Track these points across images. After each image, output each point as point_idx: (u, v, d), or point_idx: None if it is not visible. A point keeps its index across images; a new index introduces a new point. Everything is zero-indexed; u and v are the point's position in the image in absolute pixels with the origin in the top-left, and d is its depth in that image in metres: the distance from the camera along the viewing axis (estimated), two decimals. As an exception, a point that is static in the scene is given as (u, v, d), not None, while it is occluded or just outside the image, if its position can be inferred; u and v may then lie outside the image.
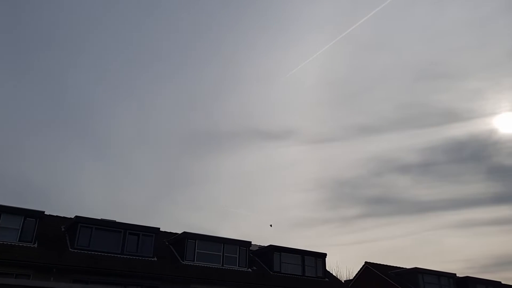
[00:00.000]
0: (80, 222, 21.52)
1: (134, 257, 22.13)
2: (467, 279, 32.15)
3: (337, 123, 72.69)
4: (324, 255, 27.93)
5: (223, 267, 24.37)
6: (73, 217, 22.72)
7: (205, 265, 23.85)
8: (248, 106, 72.22)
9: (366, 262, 33.02)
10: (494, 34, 64.91)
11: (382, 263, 33.62)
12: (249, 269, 25.26)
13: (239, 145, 71.17)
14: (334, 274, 32.23)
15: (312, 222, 69.19)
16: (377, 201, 68.78)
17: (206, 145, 69.23)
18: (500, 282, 33.24)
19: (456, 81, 67.69)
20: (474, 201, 64.39)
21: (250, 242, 25.91)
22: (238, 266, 25.02)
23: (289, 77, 69.02)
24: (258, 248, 28.50)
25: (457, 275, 31.79)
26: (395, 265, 33.60)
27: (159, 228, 23.77)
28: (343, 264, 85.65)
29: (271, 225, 36.86)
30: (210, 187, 68.59)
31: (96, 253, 21.12)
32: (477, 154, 66.41)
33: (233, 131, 69.51)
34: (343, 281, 33.34)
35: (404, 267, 32.72)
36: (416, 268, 30.59)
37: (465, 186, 66.06)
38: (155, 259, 22.81)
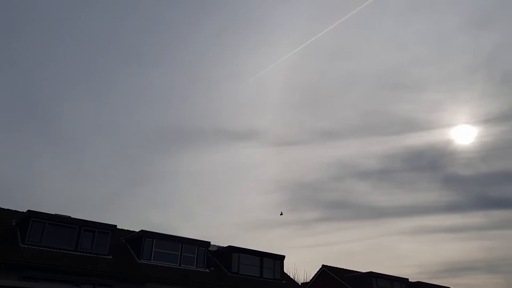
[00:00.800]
0: (32, 216, 20.69)
1: (88, 255, 21.50)
2: (418, 284, 33.14)
3: (302, 126, 73.52)
4: (283, 257, 28.10)
5: (181, 267, 24.07)
6: (25, 211, 21.84)
7: (162, 265, 23.48)
8: (215, 105, 72.00)
9: (323, 265, 33.48)
10: (454, 49, 67.47)
11: (338, 267, 34.18)
12: (207, 270, 25.07)
13: (204, 143, 70.70)
14: (291, 276, 32.50)
15: (272, 224, 69.72)
16: (336, 205, 70.06)
17: (171, 142, 68.50)
18: (449, 287, 34.46)
19: (416, 92, 69.87)
20: (428, 209, 66.60)
21: (209, 242, 25.72)
22: (196, 266, 24.77)
23: (257, 79, 69.26)
24: (217, 248, 28.34)
25: (409, 280, 32.72)
26: (351, 269, 34.24)
27: (115, 226, 23.21)
28: (301, 266, 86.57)
29: (281, 213, 36.02)
30: (173, 184, 67.85)
31: (48, 249, 20.37)
32: (433, 164, 68.75)
33: (199, 129, 69.02)
34: (300, 284, 33.67)
35: (360, 271, 33.38)
36: (370, 272, 31.26)
37: (421, 194, 68.24)
38: (111, 257, 22.25)
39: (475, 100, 67.31)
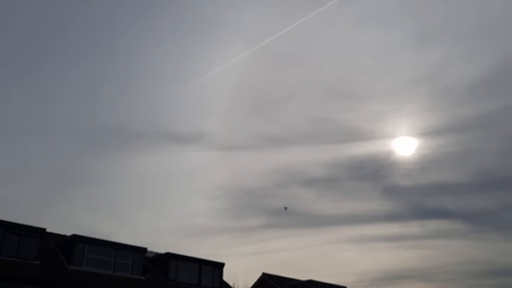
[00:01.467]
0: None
1: (13, 259, 20.23)
2: (356, 292, 33.80)
3: (249, 131, 73.63)
4: (222, 264, 27.72)
5: (114, 274, 23.12)
6: None
7: (94, 271, 22.44)
8: (160, 106, 70.57)
9: (263, 273, 33.37)
10: (399, 63, 70.26)
11: (279, 275, 34.18)
12: (143, 277, 24.27)
13: (147, 145, 68.87)
14: (231, 284, 32.13)
15: (214, 230, 68.83)
16: (280, 213, 70.52)
17: (111, 142, 66.27)
18: (385, 296, 35.42)
19: (362, 102, 71.92)
20: (369, 218, 68.40)
21: (146, 248, 24.93)
22: (131, 273, 23.91)
23: (205, 80, 68.68)
24: (154, 255, 27.54)
25: (348, 289, 33.27)
26: (291, 277, 34.34)
27: (45, 229, 21.99)
28: (241, 274, 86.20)
29: (286, 208, 34.72)
30: (111, 187, 65.49)
31: (-34, 253, 18.95)
32: (375, 174, 70.86)
33: (141, 130, 67.35)
34: (239, 292, 33.38)
35: (300, 279, 33.56)
36: (310, 280, 31.51)
37: (362, 203, 69.99)
38: (38, 262, 21.03)
39: (416, 113, 70.17)
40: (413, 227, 68.91)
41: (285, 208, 34.23)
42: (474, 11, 66.57)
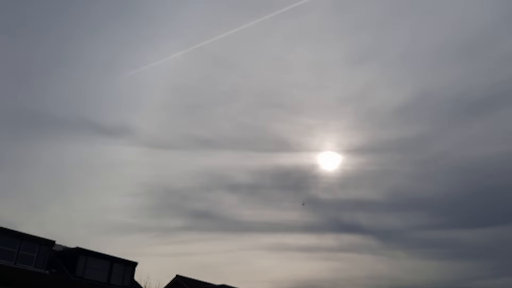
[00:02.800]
0: None
1: None
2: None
3: (178, 131, 72.51)
4: (135, 263, 26.87)
5: (15, 266, 21.56)
6: None
7: (-8, 262, 20.80)
8: (86, 95, 67.43)
9: (177, 275, 32.82)
10: (330, 80, 72.96)
11: (193, 278, 33.79)
12: (47, 271, 22.84)
13: (68, 133, 65.17)
14: (142, 285, 31.25)
15: (131, 228, 66.65)
16: (202, 215, 69.90)
17: (29, 126, 61.90)
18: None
19: (292, 114, 73.67)
20: (288, 227, 69.93)
21: (54, 241, 23.54)
22: (34, 266, 22.42)
23: (137, 74, 66.75)
24: (63, 249, 26.08)
25: (260, 295, 33.63)
26: (205, 281, 34.09)
27: None
28: (155, 275, 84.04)
29: (303, 203, 33.14)
30: (24, 174, 61.20)
31: None
32: (298, 185, 72.71)
33: (64, 117, 63.78)
34: (150, 293, 32.55)
35: (214, 283, 33.39)
36: (224, 285, 31.44)
37: (283, 212, 71.43)
38: None
39: (342, 131, 73.17)
40: (329, 239, 71.52)
41: (303, 204, 34.13)
42: (401, 42, 71.06)
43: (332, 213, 73.37)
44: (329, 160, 71.40)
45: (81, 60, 66.93)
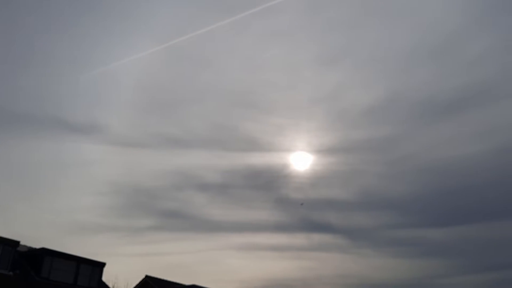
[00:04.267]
0: None
1: None
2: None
3: (148, 129, 71.63)
4: (103, 264, 26.45)
5: (-23, 268, 20.92)
6: None
7: (-48, 263, 20.10)
8: (52, 90, 65.76)
9: (146, 276, 32.46)
10: (302, 80, 73.56)
11: (163, 278, 33.49)
12: (11, 273, 22.23)
13: (32, 131, 63.27)
14: (110, 285, 30.76)
15: (99, 228, 65.42)
16: (172, 215, 69.30)
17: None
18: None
19: (263, 113, 73.94)
20: (259, 227, 70.15)
21: (18, 241, 22.92)
22: (-2, 267, 21.81)
23: (107, 71, 65.59)
24: (28, 249, 25.41)
25: (230, 295, 33.67)
26: (175, 281, 33.85)
27: None
28: (124, 275, 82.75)
29: (302, 204, 32.64)
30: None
31: None
32: (269, 184, 73.06)
33: (29, 114, 61.89)
34: (119, 293, 32.11)
35: (184, 283, 33.21)
36: (194, 285, 31.34)
37: (254, 212, 71.67)
38: None
39: (313, 131, 73.93)
40: (299, 238, 72.15)
41: (302, 204, 34.06)
42: (373, 43, 72.36)
43: (303, 213, 74.05)
44: (300, 160, 72.08)
45: (48, 56, 65.29)
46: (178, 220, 70.36)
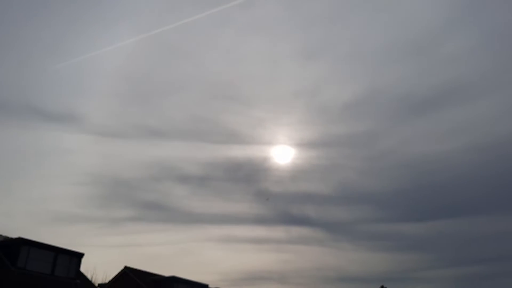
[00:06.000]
0: None
1: None
2: (217, 290, 34.35)
3: (127, 119, 70.90)
4: (81, 255, 26.03)
5: (-50, 257, 20.31)
6: None
7: None
8: (28, 78, 64.44)
9: (125, 267, 32.13)
10: (283, 74, 73.81)
11: (142, 269, 33.22)
12: (-14, 262, 21.68)
13: (7, 118, 62.00)
14: (89, 276, 30.36)
15: (77, 219, 64.57)
16: (151, 206, 68.91)
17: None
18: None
19: (244, 106, 74.00)
20: (238, 219, 70.45)
21: (-6, 231, 22.39)
22: (-28, 257, 21.23)
23: (85, 60, 64.49)
24: (3, 239, 24.83)
25: (210, 286, 33.63)
26: (155, 272, 33.61)
27: None
28: (103, 266, 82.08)
29: (267, 199, 32.49)
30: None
31: None
32: (249, 177, 73.32)
33: (5, 102, 60.55)
34: (97, 285, 31.72)
35: (164, 274, 33.01)
36: (172, 276, 31.20)
37: (234, 204, 71.88)
38: None
39: (294, 124, 74.41)
40: (278, 231, 72.67)
41: (267, 199, 34.18)
42: (352, 39, 72.99)
43: (282, 206, 74.50)
44: (281, 153, 72.39)
45: (26, 44, 63.73)
46: (157, 212, 69.96)
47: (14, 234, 25.24)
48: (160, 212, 70.67)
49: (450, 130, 70.19)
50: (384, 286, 59.51)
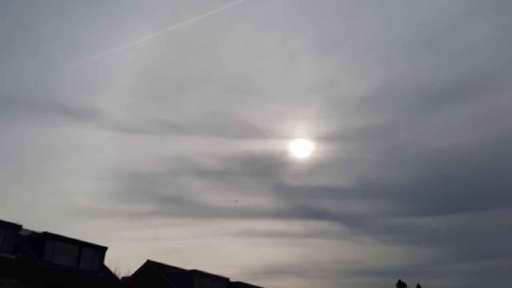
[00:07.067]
0: None
1: None
2: (237, 284, 34.51)
3: (146, 115, 71.64)
4: (105, 248, 26.48)
5: (-20, 251, 20.90)
6: None
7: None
8: (51, 75, 65.57)
9: (148, 260, 32.59)
10: (299, 67, 73.42)
11: (164, 263, 33.63)
12: (13, 256, 22.22)
13: (30, 115, 63.42)
14: (112, 270, 30.86)
15: (99, 213, 65.68)
16: (170, 201, 69.63)
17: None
18: (264, 288, 36.64)
19: (262, 100, 73.98)
20: (257, 213, 70.69)
21: (21, 225, 22.91)
22: (0, 251, 21.79)
23: (105, 56, 65.32)
24: (30, 233, 25.39)
25: (230, 280, 33.85)
26: (176, 266, 33.99)
27: None
28: (125, 260, 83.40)
29: (236, 201, 33.52)
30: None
31: None
32: (267, 171, 73.38)
33: (26, 98, 61.77)
34: (120, 278, 32.23)
35: (184, 268, 33.37)
36: (194, 270, 31.50)
37: (252, 198, 72.09)
38: None
39: (311, 118, 74.15)
40: (296, 225, 72.71)
41: (236, 201, 34.82)
42: (368, 32, 72.15)
43: (300, 200, 74.42)
44: (299, 147, 72.26)
45: (45, 41, 64.74)
46: (177, 206, 70.65)
47: (39, 229, 25.80)
48: (179, 206, 71.41)
49: (468, 122, 69.12)
50: (402, 280, 59.11)
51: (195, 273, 31.32)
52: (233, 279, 34.47)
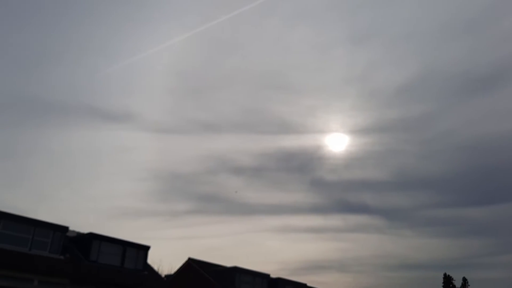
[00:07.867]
0: None
1: None
2: (278, 280, 34.56)
3: (181, 115, 72.67)
4: (147, 247, 27.09)
5: (30, 252, 21.78)
6: None
7: (8, 248, 20.98)
8: (87, 80, 67.51)
9: (189, 258, 33.14)
10: (332, 61, 72.50)
11: (205, 260, 34.11)
12: (61, 256, 23.06)
13: (71, 120, 65.67)
14: (155, 268, 31.53)
15: (140, 213, 67.35)
16: (208, 199, 70.42)
17: (32, 115, 62.27)
18: (305, 284, 36.54)
19: (294, 95, 73.60)
20: (294, 209, 70.47)
21: (67, 227, 23.73)
22: (49, 252, 22.66)
23: (138, 59, 66.70)
24: (76, 234, 26.30)
25: (271, 276, 33.93)
26: (217, 263, 34.41)
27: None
28: (167, 258, 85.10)
29: (236, 192, 34.50)
30: (30, 163, 61.85)
31: None
32: (303, 166, 73.01)
33: (67, 104, 64.00)
34: (163, 276, 32.88)
35: (225, 265, 33.71)
36: (234, 267, 31.75)
37: (289, 194, 71.94)
38: None
39: (346, 111, 73.14)
40: (335, 220, 72.05)
41: (236, 192, 35.12)
42: (402, 21, 70.28)
43: (338, 194, 73.59)
44: (334, 141, 71.42)
45: (81, 47, 66.66)
46: (215, 204, 71.39)
47: (85, 230, 26.68)
48: (217, 204, 72.16)
49: (508, 109, 66.29)
50: (448, 273, 57.48)
51: (236, 270, 31.57)
52: (273, 275, 34.53)
